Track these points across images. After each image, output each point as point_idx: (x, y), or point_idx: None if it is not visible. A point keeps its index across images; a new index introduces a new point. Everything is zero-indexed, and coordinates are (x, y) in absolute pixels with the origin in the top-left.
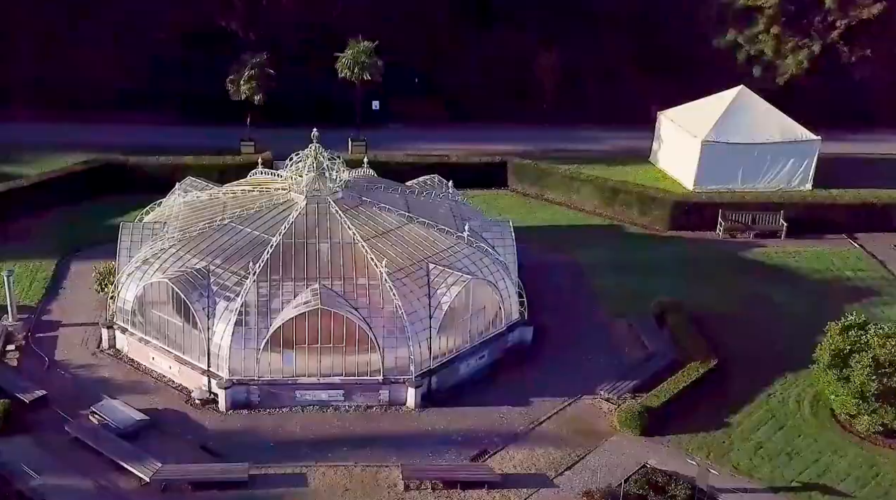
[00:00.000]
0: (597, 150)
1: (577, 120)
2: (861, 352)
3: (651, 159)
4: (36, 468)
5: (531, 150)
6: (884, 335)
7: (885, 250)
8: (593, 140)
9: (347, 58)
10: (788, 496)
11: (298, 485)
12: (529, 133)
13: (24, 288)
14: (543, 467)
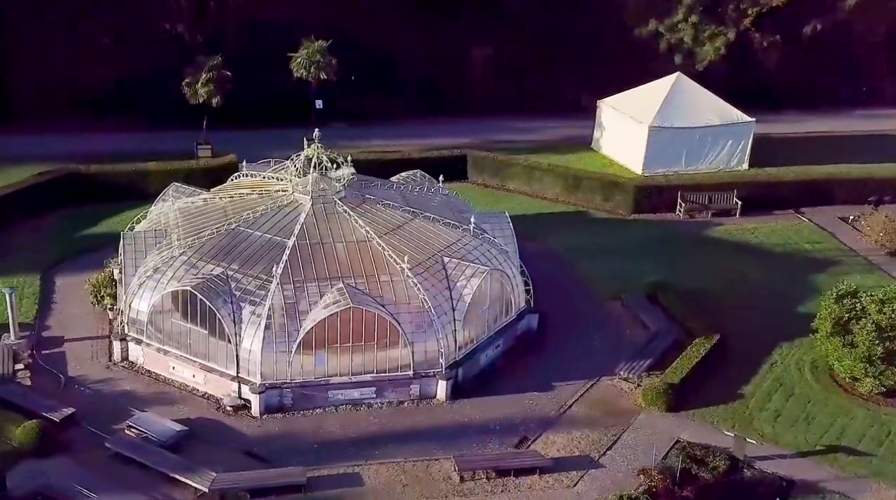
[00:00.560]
0: (537, 140)
1: (510, 111)
2: (860, 319)
3: (593, 146)
4: (83, 487)
5: (475, 142)
6: (878, 301)
7: (832, 222)
8: (531, 131)
9: (303, 57)
10: (816, 459)
11: (355, 485)
12: (469, 126)
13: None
14: (585, 448)
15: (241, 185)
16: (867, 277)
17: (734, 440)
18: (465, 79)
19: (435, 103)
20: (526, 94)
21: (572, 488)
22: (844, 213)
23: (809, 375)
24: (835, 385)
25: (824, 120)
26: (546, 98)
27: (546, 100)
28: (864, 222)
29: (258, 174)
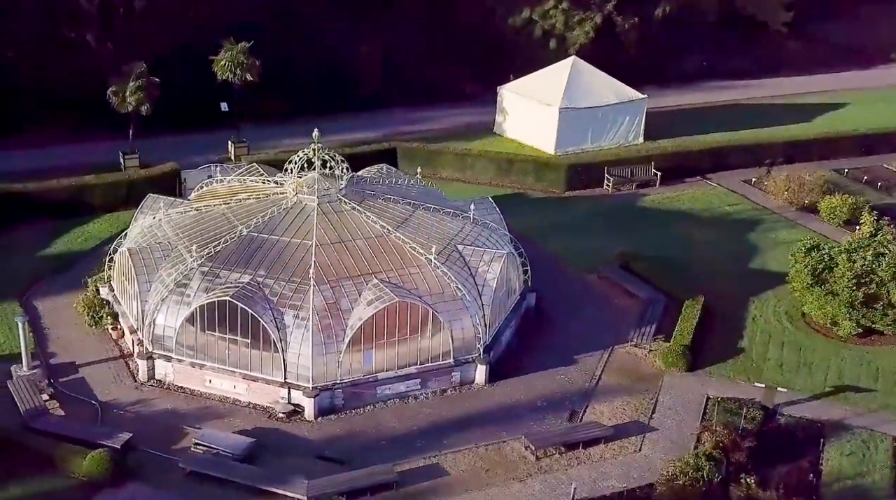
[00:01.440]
0: (439, 128)
1: (404, 103)
2: (831, 269)
3: (496, 131)
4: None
5: (384, 135)
6: (846, 251)
7: (739, 186)
8: (431, 120)
9: (227, 59)
10: (829, 400)
11: (440, 476)
12: (371, 121)
13: (7, 335)
14: (632, 414)
15: (217, 192)
16: (791, 231)
17: (764, 391)
18: (360, 74)
19: (332, 100)
20: (415, 86)
21: (639, 452)
22: (744, 176)
23: (788, 324)
24: (813, 331)
25: (680, 94)
26: (434, 89)
27: (434, 90)
28: (766, 183)
29: (228, 179)
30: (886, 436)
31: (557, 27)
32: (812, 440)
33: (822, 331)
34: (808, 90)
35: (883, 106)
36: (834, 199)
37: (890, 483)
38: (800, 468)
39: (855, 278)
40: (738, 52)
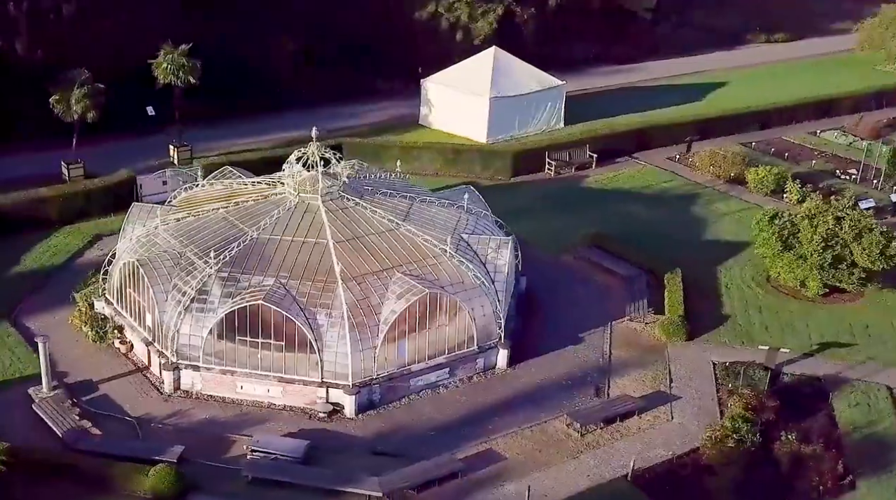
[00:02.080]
0: (366, 123)
1: (323, 101)
2: (795, 234)
3: (422, 123)
4: None
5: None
6: (807, 217)
7: (665, 163)
8: (354, 116)
9: (168, 63)
10: (819, 357)
11: (498, 460)
12: (294, 120)
13: (11, 358)
14: (652, 384)
15: (197, 197)
16: (727, 203)
17: (767, 352)
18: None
19: (253, 101)
20: (330, 83)
21: (671, 421)
22: (667, 154)
23: (759, 289)
24: (782, 294)
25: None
26: (350, 85)
27: (350, 87)
28: (691, 159)
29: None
30: (881, 385)
31: (462, 19)
32: (820, 395)
33: (791, 293)
34: (685, 72)
35: (761, 82)
36: (760, 170)
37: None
38: (820, 421)
39: (822, 241)
40: (619, 39)
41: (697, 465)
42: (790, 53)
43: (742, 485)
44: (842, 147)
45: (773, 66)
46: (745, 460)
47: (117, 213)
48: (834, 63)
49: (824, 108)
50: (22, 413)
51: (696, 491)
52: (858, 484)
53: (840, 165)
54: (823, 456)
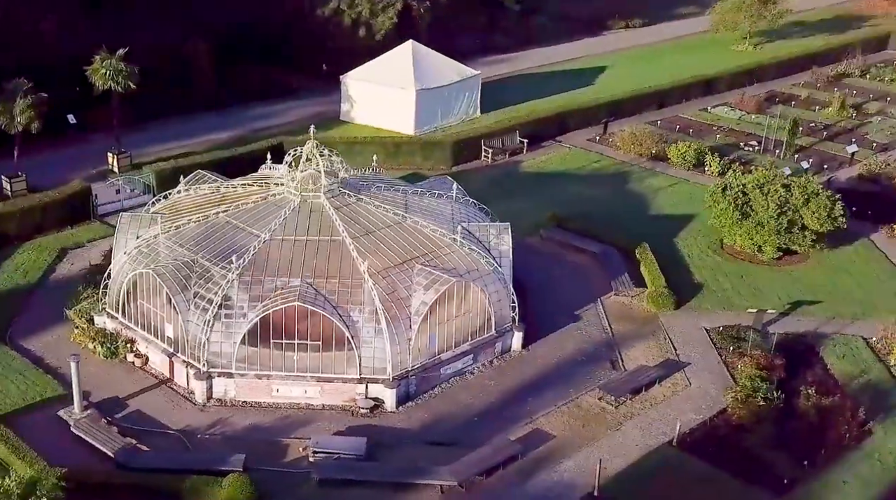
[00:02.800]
0: (286, 122)
1: (239, 101)
2: (750, 203)
3: (344, 119)
4: None
5: (236, 135)
6: (757, 186)
7: (588, 144)
8: (275, 115)
9: (107, 68)
10: (794, 315)
11: (548, 439)
12: (216, 121)
13: (25, 382)
14: (659, 353)
15: (183, 204)
16: (657, 178)
17: (755, 315)
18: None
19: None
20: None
21: (690, 386)
22: (586, 135)
23: (717, 257)
24: (739, 260)
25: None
26: (262, 84)
27: (263, 86)
28: (611, 139)
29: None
30: (857, 337)
31: (364, 15)
32: (810, 350)
33: (747, 258)
34: (565, 58)
35: (637, 65)
36: (681, 146)
37: (889, 377)
38: (820, 375)
39: (777, 207)
40: (496, 29)
41: (730, 424)
42: (652, 37)
43: (777, 439)
44: (733, 121)
45: (642, 50)
46: (774, 415)
47: (75, 225)
48: (694, 45)
49: (708, 86)
50: (61, 436)
51: (738, 449)
52: (873, 429)
53: (739, 138)
54: (843, 406)
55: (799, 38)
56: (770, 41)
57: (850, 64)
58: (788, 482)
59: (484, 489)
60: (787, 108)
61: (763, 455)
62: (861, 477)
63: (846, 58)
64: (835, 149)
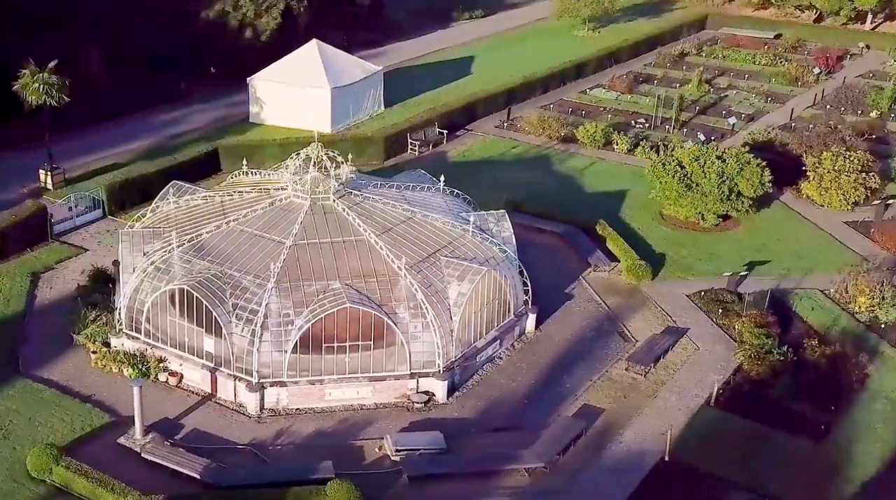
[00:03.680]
0: (195, 128)
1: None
2: (690, 175)
3: (253, 120)
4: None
5: (150, 143)
6: (692, 160)
7: (497, 131)
8: (178, 122)
9: (40, 82)
10: (754, 276)
11: (600, 413)
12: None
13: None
14: (658, 321)
15: (176, 216)
16: (578, 159)
17: (730, 278)
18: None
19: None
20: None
21: (700, 350)
22: (493, 122)
23: (664, 227)
24: (683, 228)
25: None
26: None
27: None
28: (520, 125)
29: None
30: (814, 290)
31: (248, 16)
32: (785, 306)
33: (689, 226)
34: (431, 50)
35: (504, 52)
36: (588, 127)
37: (856, 323)
38: (801, 328)
39: (718, 177)
40: (358, 26)
41: (751, 381)
42: (497, 27)
43: (799, 387)
44: (612, 101)
45: (497, 39)
46: (789, 368)
47: (34, 248)
48: (540, 32)
49: (579, 70)
50: (131, 463)
51: (766, 402)
52: (870, 372)
53: (627, 117)
54: (844, 354)
55: (625, 22)
56: (604, 26)
57: (687, 43)
58: (825, 428)
59: (564, 467)
60: (652, 87)
61: (791, 406)
62: (878, 414)
63: (683, 38)
64: (712, 122)
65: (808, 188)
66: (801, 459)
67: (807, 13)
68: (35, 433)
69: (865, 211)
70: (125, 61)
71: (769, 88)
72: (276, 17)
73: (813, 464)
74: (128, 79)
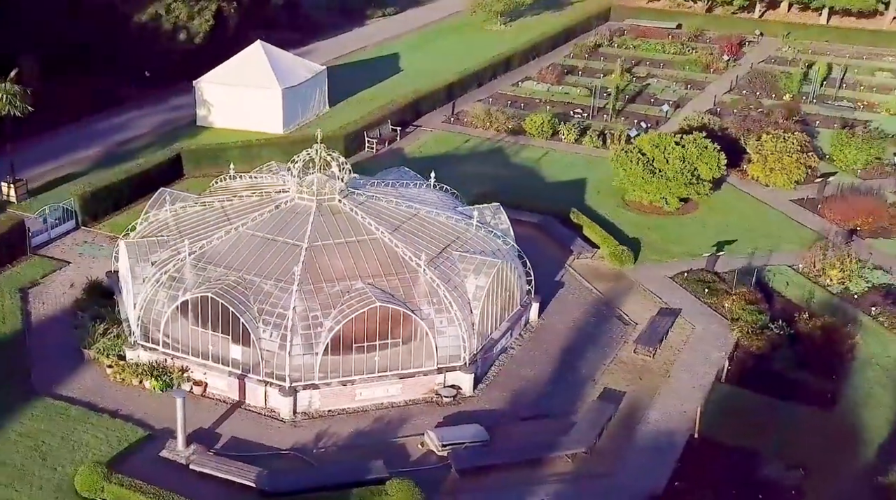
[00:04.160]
0: (142, 134)
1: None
2: (652, 161)
3: (201, 124)
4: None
5: (100, 151)
6: (653, 146)
7: (445, 126)
8: (122, 129)
9: (2, 92)
10: (724, 256)
11: (621, 395)
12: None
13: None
14: (650, 303)
15: (177, 224)
16: (528, 149)
17: (708, 258)
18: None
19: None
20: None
21: (696, 329)
22: (438, 118)
23: (629, 212)
24: (648, 212)
25: None
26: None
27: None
28: (467, 119)
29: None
30: (783, 266)
31: (181, 18)
32: (763, 283)
33: (653, 211)
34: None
35: (427, 48)
36: (535, 118)
37: (829, 295)
38: (783, 302)
39: (681, 162)
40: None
41: (752, 355)
42: (411, 24)
43: (800, 358)
44: (544, 93)
45: (416, 35)
46: (786, 341)
47: (13, 263)
48: (455, 27)
49: (507, 63)
50: (178, 476)
51: (771, 375)
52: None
53: (565, 108)
54: (834, 325)
55: (531, 16)
56: (513, 20)
57: (598, 35)
58: (832, 397)
59: (602, 450)
60: (578, 78)
61: (795, 377)
62: (874, 380)
63: (594, 30)
64: (643, 110)
65: (754, 170)
66: (818, 427)
67: (699, 3)
68: (73, 452)
69: (807, 189)
70: (61, 68)
71: (685, 75)
72: (208, 19)
73: (829, 432)
74: (64, 86)
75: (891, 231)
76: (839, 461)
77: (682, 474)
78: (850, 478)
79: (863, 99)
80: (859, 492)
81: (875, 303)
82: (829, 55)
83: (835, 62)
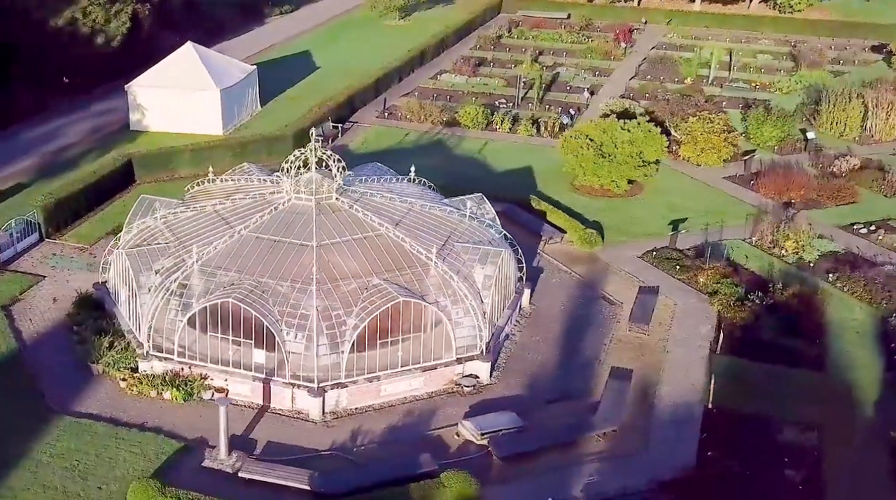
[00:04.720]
0: (76, 141)
1: None
2: (601, 146)
3: (136, 128)
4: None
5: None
6: (601, 131)
7: (380, 121)
8: (54, 137)
9: None
10: (682, 233)
11: (630, 374)
12: None
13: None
14: (629, 283)
15: (173, 231)
16: (467, 141)
17: (671, 237)
18: None
19: None
20: None
21: (678, 305)
22: (371, 113)
23: (580, 196)
24: (598, 196)
25: None
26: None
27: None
28: (402, 113)
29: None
30: (737, 240)
31: (98, 21)
32: (727, 257)
33: (603, 194)
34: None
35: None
36: (469, 110)
37: (786, 266)
38: (747, 274)
39: (630, 146)
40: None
41: (738, 326)
42: (312, 21)
43: (782, 324)
44: (463, 85)
45: (322, 31)
46: (765, 310)
47: None
48: (355, 23)
49: (422, 57)
50: (227, 484)
51: (760, 343)
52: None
53: (489, 99)
54: (806, 293)
55: (425, 9)
56: (409, 15)
57: (496, 26)
58: (818, 359)
59: (629, 427)
60: (490, 69)
61: (783, 343)
62: (851, 343)
63: (489, 22)
64: (563, 97)
65: (686, 150)
66: (816, 390)
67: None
68: (111, 468)
69: (735, 167)
70: None
71: (589, 63)
72: (125, 22)
73: (827, 393)
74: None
75: (820, 202)
76: (845, 420)
77: (710, 444)
78: (861, 436)
79: (753, 80)
80: (875, 448)
81: (829, 270)
82: (711, 40)
83: (717, 46)
